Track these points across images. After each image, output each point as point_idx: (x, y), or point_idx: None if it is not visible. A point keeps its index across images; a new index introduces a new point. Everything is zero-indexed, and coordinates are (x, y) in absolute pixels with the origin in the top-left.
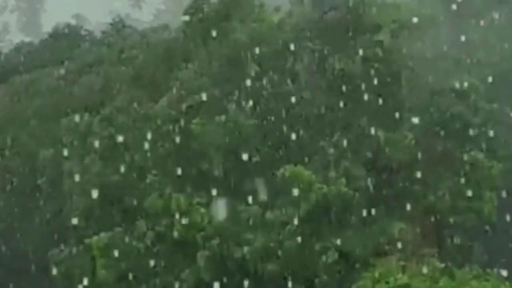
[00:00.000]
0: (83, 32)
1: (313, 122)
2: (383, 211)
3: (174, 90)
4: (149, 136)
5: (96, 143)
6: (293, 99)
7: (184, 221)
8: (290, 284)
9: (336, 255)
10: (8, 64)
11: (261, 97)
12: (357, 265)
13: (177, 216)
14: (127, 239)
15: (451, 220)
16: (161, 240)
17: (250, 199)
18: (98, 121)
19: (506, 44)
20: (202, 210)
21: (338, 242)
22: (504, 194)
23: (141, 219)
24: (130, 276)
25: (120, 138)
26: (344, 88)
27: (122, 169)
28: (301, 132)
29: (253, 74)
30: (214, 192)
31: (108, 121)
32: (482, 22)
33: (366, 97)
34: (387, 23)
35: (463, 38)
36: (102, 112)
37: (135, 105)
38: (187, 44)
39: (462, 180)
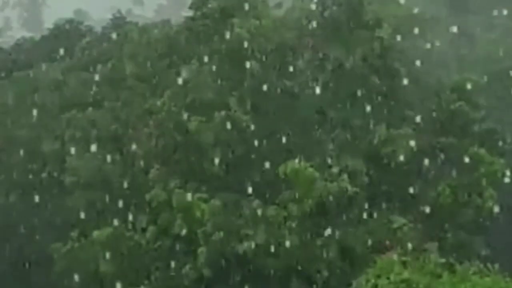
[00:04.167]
0: (84, 28)
1: (314, 117)
2: (384, 207)
3: (176, 86)
4: (151, 131)
5: (99, 138)
6: (294, 95)
7: (185, 216)
8: (291, 279)
9: (337, 251)
10: (9, 60)
11: (262, 93)
12: (358, 261)
13: (178, 211)
14: (128, 234)
15: (452, 215)
16: (162, 235)
17: (251, 195)
18: (100, 116)
19: (508, 40)
20: (203, 205)
21: (339, 237)
22: (504, 189)
23: (142, 214)
24: (131, 270)
25: (122, 133)
26: (345, 84)
27: (124, 163)
28: (301, 127)
29: (254, 70)
30: (215, 187)
31: (111, 116)
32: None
33: (366, 93)
34: (388, 19)
35: (464, 34)
36: (105, 107)
37: (138, 100)
38: (189, 40)
39: (463, 175)
